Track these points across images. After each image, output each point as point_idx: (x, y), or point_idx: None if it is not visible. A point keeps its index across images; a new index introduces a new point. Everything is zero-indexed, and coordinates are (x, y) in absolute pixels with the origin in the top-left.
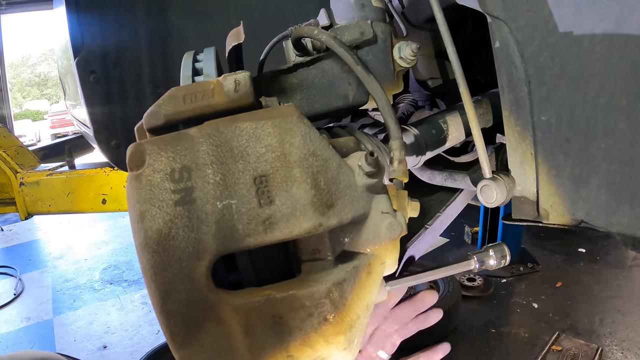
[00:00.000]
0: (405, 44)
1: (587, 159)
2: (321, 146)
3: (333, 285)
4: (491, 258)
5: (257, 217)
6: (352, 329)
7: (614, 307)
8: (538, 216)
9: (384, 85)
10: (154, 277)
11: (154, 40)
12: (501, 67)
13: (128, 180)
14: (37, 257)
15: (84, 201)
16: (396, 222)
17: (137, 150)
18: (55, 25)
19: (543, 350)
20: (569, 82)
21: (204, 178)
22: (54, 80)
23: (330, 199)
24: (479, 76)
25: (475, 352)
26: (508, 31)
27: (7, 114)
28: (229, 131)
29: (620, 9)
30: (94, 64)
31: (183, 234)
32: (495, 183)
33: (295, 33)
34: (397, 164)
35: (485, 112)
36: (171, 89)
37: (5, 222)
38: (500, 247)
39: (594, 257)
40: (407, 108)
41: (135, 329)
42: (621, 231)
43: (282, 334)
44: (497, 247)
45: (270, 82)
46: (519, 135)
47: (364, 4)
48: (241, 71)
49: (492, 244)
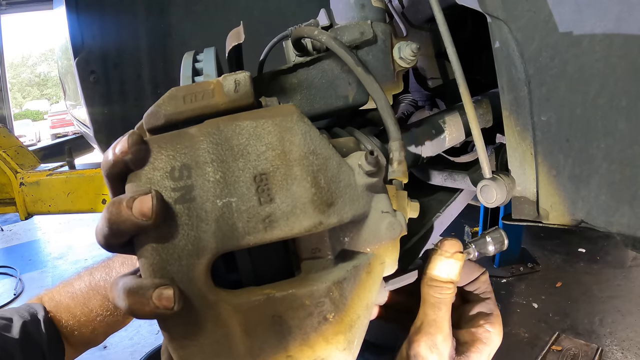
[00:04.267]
0: (405, 44)
1: (587, 159)
2: (321, 145)
3: (333, 284)
4: (489, 244)
5: (257, 215)
6: (352, 329)
7: (614, 307)
8: (538, 216)
9: (384, 85)
10: (153, 275)
11: (154, 40)
12: (501, 67)
13: (128, 178)
14: (37, 257)
15: (84, 201)
16: (396, 222)
17: None
18: (55, 25)
19: (543, 350)
20: (569, 82)
21: (204, 176)
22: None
23: (330, 198)
24: (479, 76)
25: None
26: (508, 31)
27: (7, 114)
28: (229, 130)
29: (620, 8)
30: (94, 64)
31: (182, 232)
32: (495, 183)
33: (295, 33)
34: (396, 164)
35: (485, 112)
36: (171, 89)
37: (5, 222)
38: (497, 232)
39: (594, 257)
40: (407, 108)
41: (135, 329)
42: (621, 231)
43: (282, 334)
44: (494, 232)
45: (270, 82)
46: (519, 135)
47: (364, 4)
48: (241, 71)
49: (489, 230)
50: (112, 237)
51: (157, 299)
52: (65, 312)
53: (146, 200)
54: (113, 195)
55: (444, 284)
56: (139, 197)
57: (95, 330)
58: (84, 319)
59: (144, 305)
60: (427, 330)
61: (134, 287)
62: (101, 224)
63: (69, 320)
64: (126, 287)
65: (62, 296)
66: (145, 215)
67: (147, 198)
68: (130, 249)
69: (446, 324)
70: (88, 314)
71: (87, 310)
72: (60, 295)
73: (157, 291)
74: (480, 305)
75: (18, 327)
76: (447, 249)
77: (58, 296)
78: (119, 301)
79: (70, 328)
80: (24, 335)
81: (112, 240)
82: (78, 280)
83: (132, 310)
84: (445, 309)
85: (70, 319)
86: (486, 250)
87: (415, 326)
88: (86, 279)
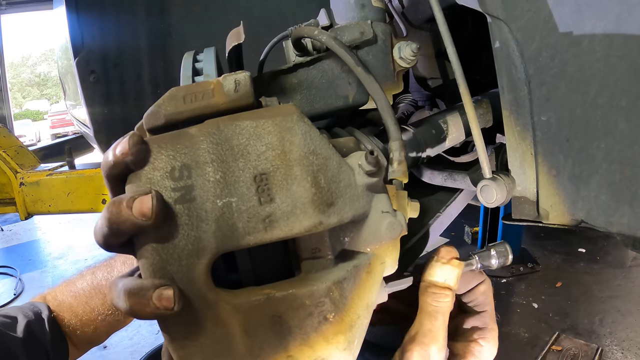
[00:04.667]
0: (405, 44)
1: (587, 159)
2: (321, 145)
3: (333, 284)
4: (493, 258)
5: (257, 215)
6: (352, 329)
7: (614, 307)
8: (538, 216)
9: (384, 85)
10: (153, 275)
11: (154, 40)
12: (501, 67)
13: (129, 179)
14: (37, 257)
15: (84, 201)
16: (396, 222)
17: None
18: (55, 25)
19: (543, 350)
20: (569, 82)
21: (204, 176)
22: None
23: (330, 198)
24: (479, 76)
25: None
26: (508, 31)
27: (7, 114)
28: (230, 129)
29: (620, 8)
30: (94, 64)
31: (182, 232)
32: (495, 183)
33: (295, 33)
34: (396, 164)
35: (485, 112)
36: (171, 89)
37: (5, 222)
38: (502, 247)
39: (594, 257)
40: (407, 108)
41: (135, 329)
42: (621, 231)
43: (282, 334)
44: (499, 246)
45: (270, 82)
46: (519, 135)
47: (364, 4)
48: (241, 71)
49: (495, 243)
50: (111, 237)
51: (157, 300)
52: (68, 311)
53: (146, 200)
54: (113, 196)
55: (442, 290)
56: (139, 197)
57: (97, 330)
58: (86, 318)
59: (145, 306)
60: (422, 340)
61: (134, 288)
62: (100, 223)
63: (71, 319)
64: (126, 288)
65: (64, 295)
66: (145, 216)
67: (147, 198)
68: (128, 249)
69: (441, 335)
70: (90, 313)
71: (89, 309)
72: (63, 294)
73: (157, 292)
74: (475, 318)
75: (22, 326)
76: (443, 255)
77: (61, 295)
78: (119, 302)
79: (73, 327)
80: (28, 334)
81: (111, 240)
82: (80, 279)
83: (132, 311)
84: (442, 318)
85: (73, 317)
86: (489, 263)
87: (410, 335)
88: (88, 278)
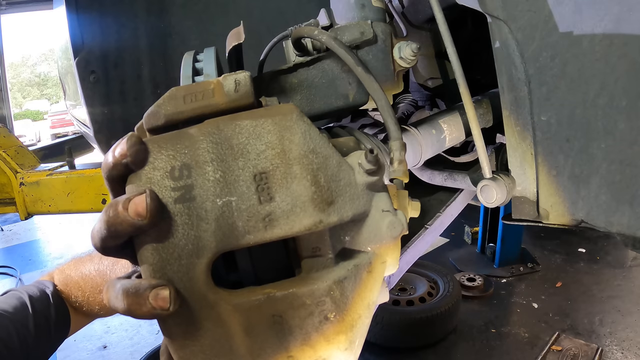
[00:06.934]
0: (405, 44)
1: (587, 159)
2: (321, 144)
3: (334, 283)
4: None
5: (257, 214)
6: (353, 329)
7: (614, 307)
8: (538, 216)
9: (384, 85)
10: (153, 275)
11: (154, 40)
12: (501, 67)
13: (129, 179)
14: (37, 257)
15: (84, 201)
16: (397, 221)
17: None
18: (55, 25)
19: (543, 350)
20: (569, 82)
21: (204, 175)
22: (54, 80)
23: (330, 196)
24: (479, 76)
25: (475, 352)
26: (508, 31)
27: (7, 114)
28: (229, 129)
29: (620, 8)
30: (94, 64)
31: (182, 232)
32: (495, 183)
33: (295, 33)
34: (397, 164)
35: (485, 112)
36: (171, 89)
37: (5, 222)
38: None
39: (594, 257)
40: (407, 108)
41: (135, 329)
42: (621, 231)
43: (283, 334)
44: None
45: (270, 82)
46: (519, 135)
47: (364, 4)
48: (241, 71)
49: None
50: (109, 239)
51: (154, 300)
52: (75, 288)
53: (141, 200)
54: (114, 197)
55: None
56: (134, 198)
57: (103, 309)
58: (92, 298)
59: (141, 305)
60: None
61: (131, 288)
62: (98, 226)
63: (78, 296)
64: (124, 288)
65: (72, 272)
66: (141, 215)
67: (142, 197)
68: (125, 253)
69: None
70: (96, 296)
71: (95, 292)
72: (71, 271)
73: (154, 292)
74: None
75: (27, 301)
76: None
77: (68, 271)
78: (116, 302)
79: (80, 303)
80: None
81: (109, 242)
82: (89, 261)
83: (129, 311)
84: None
85: (80, 295)
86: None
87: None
88: (96, 261)
